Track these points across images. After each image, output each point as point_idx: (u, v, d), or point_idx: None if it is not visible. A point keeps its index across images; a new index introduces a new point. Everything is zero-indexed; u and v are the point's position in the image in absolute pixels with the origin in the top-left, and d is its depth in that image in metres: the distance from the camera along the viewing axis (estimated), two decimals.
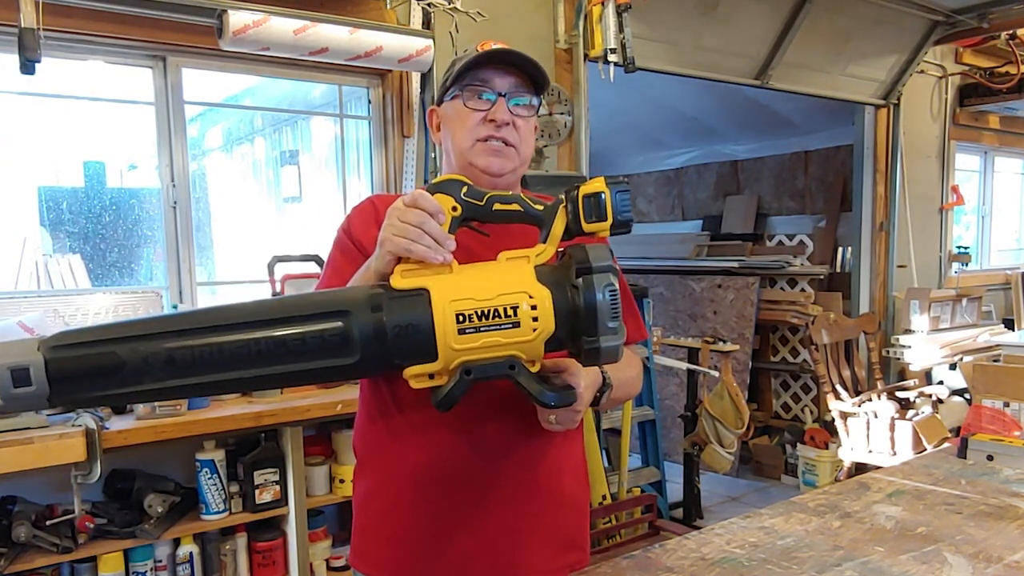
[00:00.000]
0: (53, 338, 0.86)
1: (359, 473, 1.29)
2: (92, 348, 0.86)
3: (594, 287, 0.93)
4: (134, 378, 0.86)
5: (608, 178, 1.01)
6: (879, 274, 4.80)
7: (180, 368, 0.87)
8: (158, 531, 2.14)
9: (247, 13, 2.30)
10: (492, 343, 0.93)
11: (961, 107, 5.26)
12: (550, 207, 1.01)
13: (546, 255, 1.00)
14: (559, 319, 0.94)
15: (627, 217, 0.99)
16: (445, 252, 0.96)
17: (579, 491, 1.29)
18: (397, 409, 1.19)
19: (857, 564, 1.17)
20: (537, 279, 0.95)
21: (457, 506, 1.17)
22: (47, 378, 0.84)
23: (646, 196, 6.71)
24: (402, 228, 0.96)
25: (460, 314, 0.92)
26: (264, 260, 2.62)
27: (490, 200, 1.01)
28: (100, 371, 0.86)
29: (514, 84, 1.20)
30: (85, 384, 0.86)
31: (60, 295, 2.62)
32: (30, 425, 1.92)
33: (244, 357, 0.89)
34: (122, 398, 0.89)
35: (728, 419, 3.62)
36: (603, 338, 0.93)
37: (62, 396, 0.86)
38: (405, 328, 0.92)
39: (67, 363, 0.85)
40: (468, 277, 0.96)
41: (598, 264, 0.94)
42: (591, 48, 3.14)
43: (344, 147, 3.06)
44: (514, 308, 0.92)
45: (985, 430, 2.91)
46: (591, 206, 0.99)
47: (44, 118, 2.97)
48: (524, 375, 0.95)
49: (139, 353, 0.86)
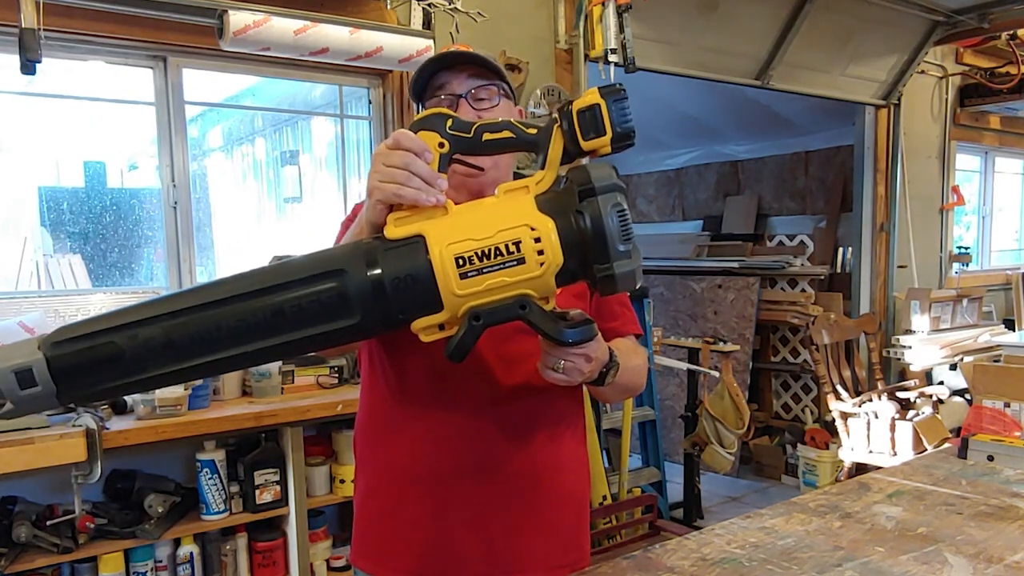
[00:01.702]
0: (53, 335, 0.85)
1: (359, 471, 1.29)
2: (91, 340, 0.84)
3: (600, 209, 0.86)
4: (137, 366, 0.85)
5: (602, 88, 0.92)
6: (879, 274, 4.80)
7: (180, 350, 0.85)
8: (158, 531, 2.14)
9: (247, 13, 2.30)
10: (498, 284, 0.86)
11: (961, 107, 5.26)
12: (544, 129, 0.94)
13: (546, 182, 0.93)
14: (567, 249, 0.87)
15: (628, 128, 0.91)
16: (437, 192, 0.91)
17: (580, 490, 1.29)
18: (398, 406, 1.19)
19: (857, 564, 1.17)
20: (539, 209, 0.89)
21: (457, 504, 1.17)
22: (51, 376, 0.83)
23: (646, 196, 6.71)
24: (388, 172, 0.90)
25: (459, 257, 0.86)
26: (264, 260, 2.62)
27: (479, 130, 0.94)
28: (102, 362, 0.84)
29: (470, 78, 1.18)
30: (89, 377, 0.85)
31: (60, 295, 2.62)
32: (30, 425, 1.92)
33: (243, 331, 0.85)
34: (129, 387, 0.87)
35: (728, 419, 3.62)
36: (617, 263, 0.86)
37: (69, 392, 0.84)
38: (404, 279, 0.87)
39: (69, 358, 0.83)
40: (465, 217, 0.90)
41: (601, 184, 0.87)
42: (591, 48, 3.14)
43: (344, 147, 3.06)
44: (516, 243, 0.86)
45: (986, 430, 2.91)
46: (587, 121, 0.91)
47: (44, 118, 2.97)
48: (537, 314, 0.89)
49: (138, 339, 0.84)
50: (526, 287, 0.88)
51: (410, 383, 0.95)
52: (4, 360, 0.83)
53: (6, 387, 0.82)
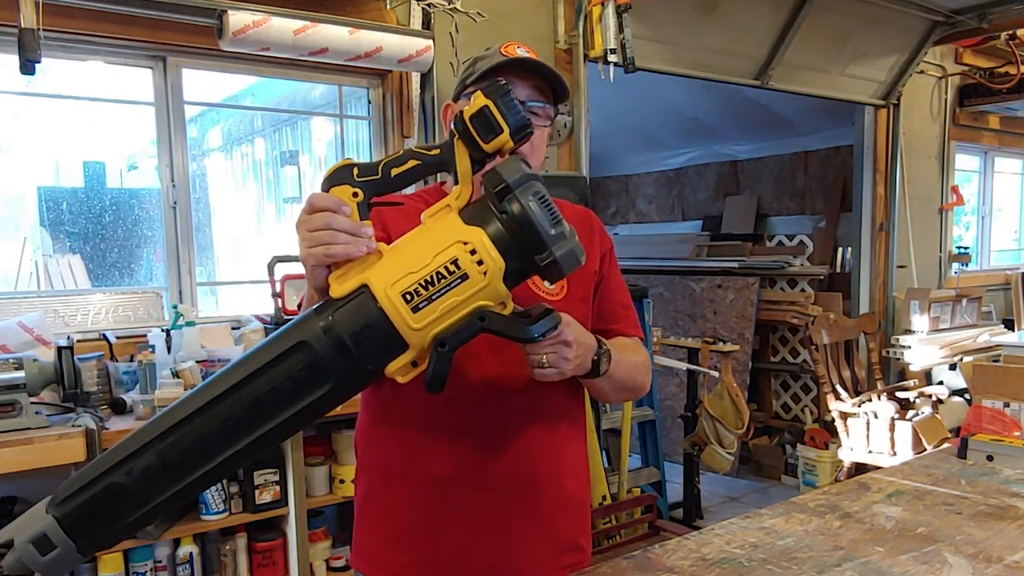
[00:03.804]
0: (56, 495, 0.87)
1: (360, 473, 1.29)
2: (92, 488, 0.86)
3: (520, 202, 0.88)
4: (142, 497, 0.87)
5: (484, 88, 0.95)
6: (879, 274, 4.80)
7: (176, 468, 0.87)
8: (158, 531, 2.13)
9: (247, 13, 2.30)
10: (451, 305, 0.88)
11: (961, 107, 5.27)
12: (446, 145, 0.96)
13: (464, 196, 0.94)
14: (504, 250, 0.89)
15: (521, 119, 0.93)
16: (364, 240, 0.91)
17: (580, 492, 1.29)
18: (398, 409, 1.19)
19: (857, 564, 1.17)
20: (465, 222, 0.91)
21: (457, 506, 1.17)
22: (66, 534, 0.85)
23: (646, 196, 6.71)
24: (313, 237, 0.91)
25: (406, 293, 0.88)
26: (264, 260, 2.62)
27: (385, 168, 0.95)
28: (108, 505, 0.86)
29: (533, 91, 1.19)
30: (102, 523, 0.87)
31: (60, 295, 2.62)
32: (30, 425, 1.93)
33: (229, 431, 0.88)
34: (143, 518, 0.88)
35: (728, 419, 3.63)
36: (554, 248, 0.88)
37: (89, 543, 0.87)
38: (361, 331, 0.88)
39: (77, 512, 0.86)
40: (400, 253, 0.92)
41: (514, 179, 0.89)
42: (591, 48, 3.14)
43: (344, 147, 3.06)
44: (454, 262, 0.88)
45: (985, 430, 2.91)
46: (481, 124, 0.93)
47: (44, 118, 2.97)
48: (497, 321, 0.91)
49: (135, 472, 0.86)
50: (478, 299, 0.90)
51: (410, 387, 0.95)
52: (20, 533, 0.85)
53: (29, 559, 0.85)
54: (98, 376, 2.18)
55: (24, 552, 0.84)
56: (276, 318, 2.54)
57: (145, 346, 2.33)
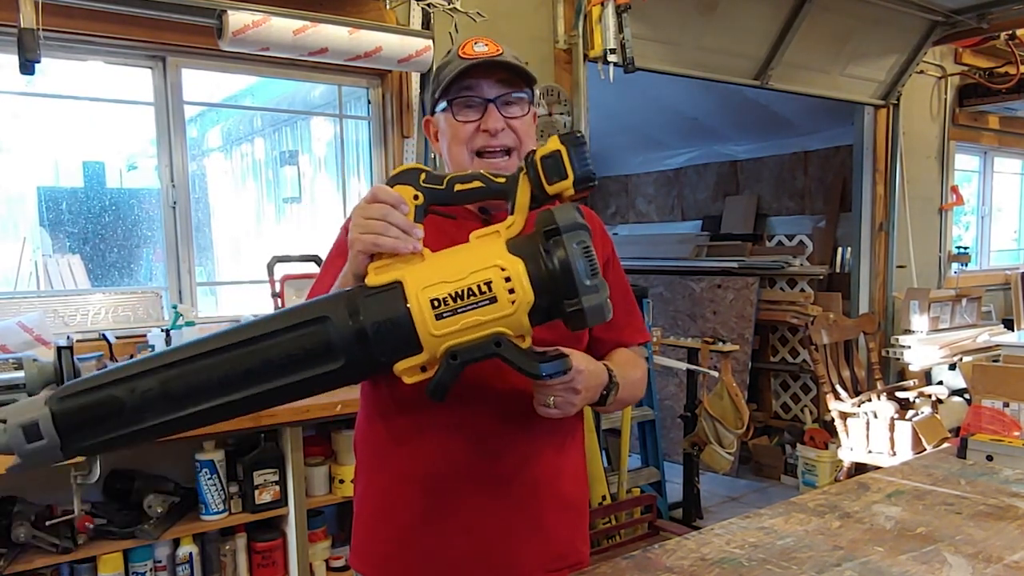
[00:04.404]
0: (58, 391, 0.89)
1: (359, 473, 1.29)
2: (93, 394, 0.89)
3: (565, 247, 0.91)
4: (136, 416, 0.89)
5: (562, 135, 0.99)
6: (879, 274, 4.80)
7: (176, 399, 0.89)
8: (158, 531, 2.14)
9: (247, 13, 2.30)
10: (473, 323, 0.91)
11: (960, 107, 5.27)
12: (512, 177, 0.99)
13: (516, 226, 0.98)
14: (537, 287, 0.92)
15: (588, 172, 0.97)
16: (413, 240, 0.95)
17: (578, 493, 1.29)
18: (398, 410, 1.19)
19: (857, 564, 1.17)
20: (509, 251, 0.94)
21: (456, 507, 1.16)
22: (56, 429, 0.87)
23: (646, 196, 6.71)
24: (367, 224, 0.95)
25: (435, 299, 0.90)
26: (264, 260, 2.62)
27: (451, 182, 0.99)
28: (104, 414, 0.89)
29: (501, 84, 1.17)
30: (92, 429, 0.89)
31: (60, 295, 2.62)
32: None
33: (234, 379, 0.90)
34: (130, 438, 0.91)
35: (728, 419, 3.63)
36: (584, 298, 0.91)
37: (73, 444, 0.89)
38: (383, 324, 0.91)
39: (72, 412, 0.88)
40: (439, 262, 0.95)
41: (565, 223, 0.92)
42: (591, 48, 3.14)
43: (344, 147, 3.06)
44: (488, 283, 0.91)
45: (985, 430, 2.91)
46: (550, 167, 0.97)
47: (44, 118, 2.97)
48: (511, 350, 0.93)
49: (136, 391, 0.89)
50: (500, 325, 0.92)
51: (410, 389, 0.95)
52: (14, 416, 0.87)
53: (15, 442, 0.87)
54: None
55: (13, 435, 0.86)
56: None
57: (145, 346, 2.33)
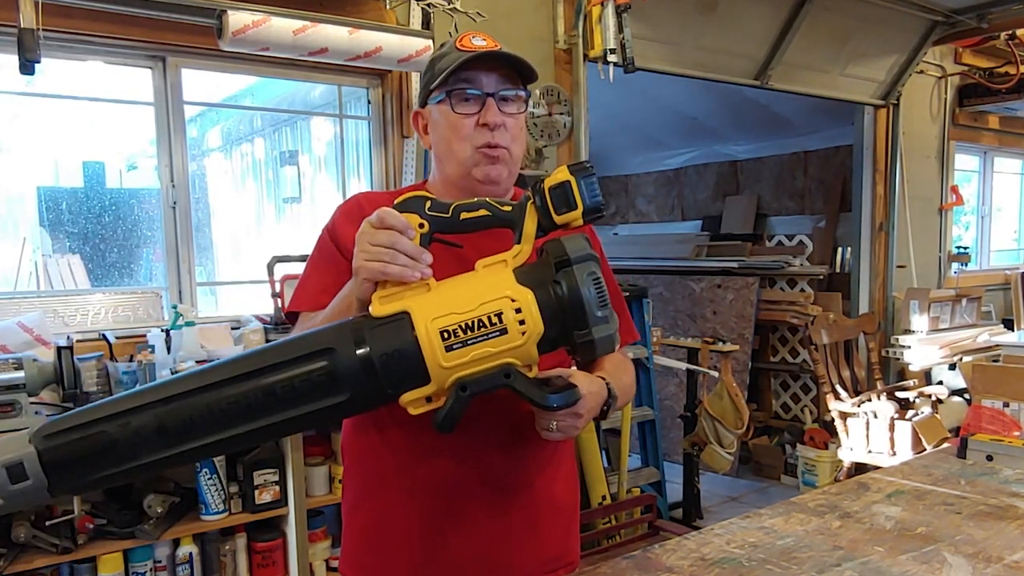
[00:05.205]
0: (43, 428, 0.85)
1: (348, 480, 1.26)
2: (82, 431, 0.85)
3: (576, 279, 0.91)
4: (129, 454, 0.85)
5: (571, 165, 0.97)
6: (879, 274, 4.80)
7: (172, 435, 0.86)
8: (158, 531, 2.14)
9: (247, 13, 2.30)
10: (483, 354, 0.90)
11: (960, 107, 5.27)
12: (518, 206, 0.98)
13: (523, 255, 0.97)
14: (547, 317, 0.91)
15: (597, 202, 0.96)
16: (422, 267, 0.93)
17: (571, 497, 1.29)
18: (393, 423, 1.16)
19: (857, 564, 1.17)
20: (518, 281, 0.93)
21: (450, 513, 1.16)
22: (43, 469, 0.83)
23: (646, 196, 6.71)
24: (374, 252, 0.92)
25: (444, 331, 0.89)
26: (263, 260, 2.62)
27: (456, 210, 0.97)
28: (94, 453, 0.84)
29: (500, 80, 1.15)
30: (82, 468, 0.85)
31: (59, 295, 2.62)
32: (29, 425, 1.92)
33: (235, 413, 0.87)
34: (121, 476, 0.87)
35: (728, 419, 3.63)
36: (595, 329, 0.91)
37: (61, 484, 0.85)
38: (391, 355, 0.89)
39: (60, 451, 0.84)
40: (447, 292, 0.93)
41: (576, 255, 0.92)
42: (591, 48, 3.14)
43: (344, 147, 3.06)
44: (498, 315, 0.90)
45: (985, 430, 2.91)
46: (559, 197, 0.96)
47: (44, 118, 2.97)
48: (521, 381, 0.92)
49: (129, 427, 0.85)
50: (510, 356, 0.91)
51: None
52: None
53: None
54: (98, 376, 2.17)
55: None
56: (276, 318, 2.54)
57: (145, 346, 2.33)
